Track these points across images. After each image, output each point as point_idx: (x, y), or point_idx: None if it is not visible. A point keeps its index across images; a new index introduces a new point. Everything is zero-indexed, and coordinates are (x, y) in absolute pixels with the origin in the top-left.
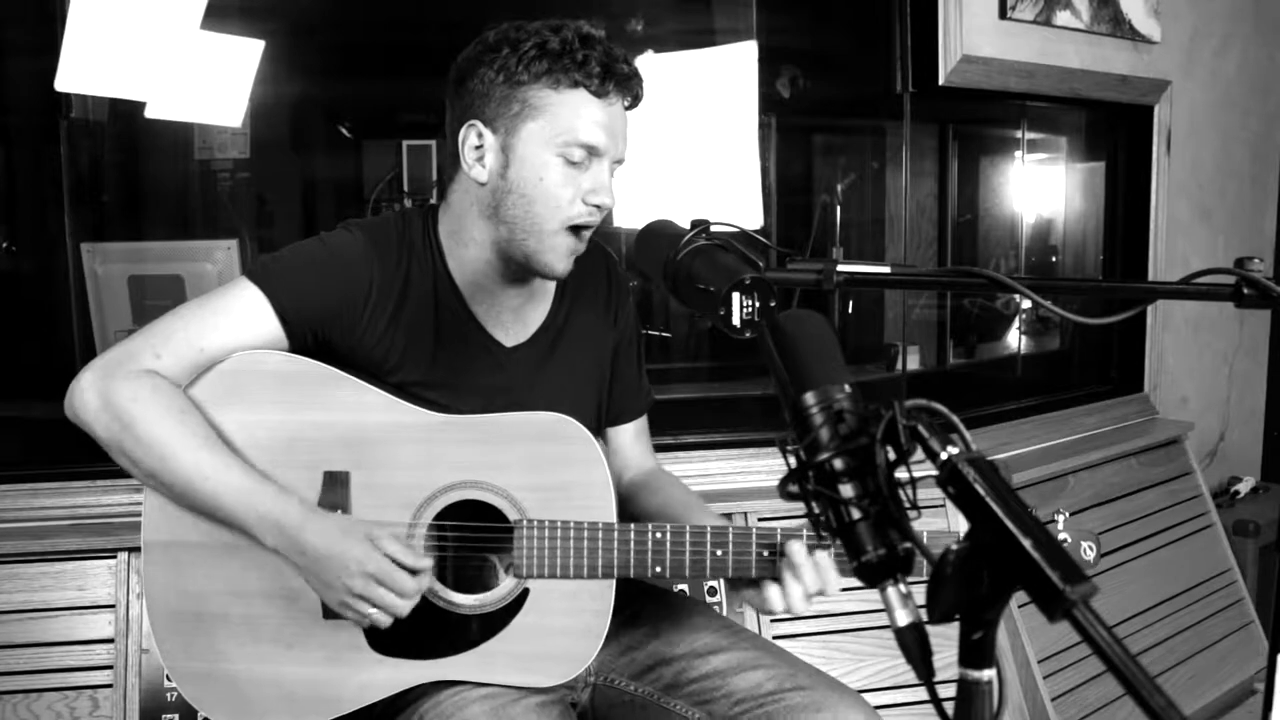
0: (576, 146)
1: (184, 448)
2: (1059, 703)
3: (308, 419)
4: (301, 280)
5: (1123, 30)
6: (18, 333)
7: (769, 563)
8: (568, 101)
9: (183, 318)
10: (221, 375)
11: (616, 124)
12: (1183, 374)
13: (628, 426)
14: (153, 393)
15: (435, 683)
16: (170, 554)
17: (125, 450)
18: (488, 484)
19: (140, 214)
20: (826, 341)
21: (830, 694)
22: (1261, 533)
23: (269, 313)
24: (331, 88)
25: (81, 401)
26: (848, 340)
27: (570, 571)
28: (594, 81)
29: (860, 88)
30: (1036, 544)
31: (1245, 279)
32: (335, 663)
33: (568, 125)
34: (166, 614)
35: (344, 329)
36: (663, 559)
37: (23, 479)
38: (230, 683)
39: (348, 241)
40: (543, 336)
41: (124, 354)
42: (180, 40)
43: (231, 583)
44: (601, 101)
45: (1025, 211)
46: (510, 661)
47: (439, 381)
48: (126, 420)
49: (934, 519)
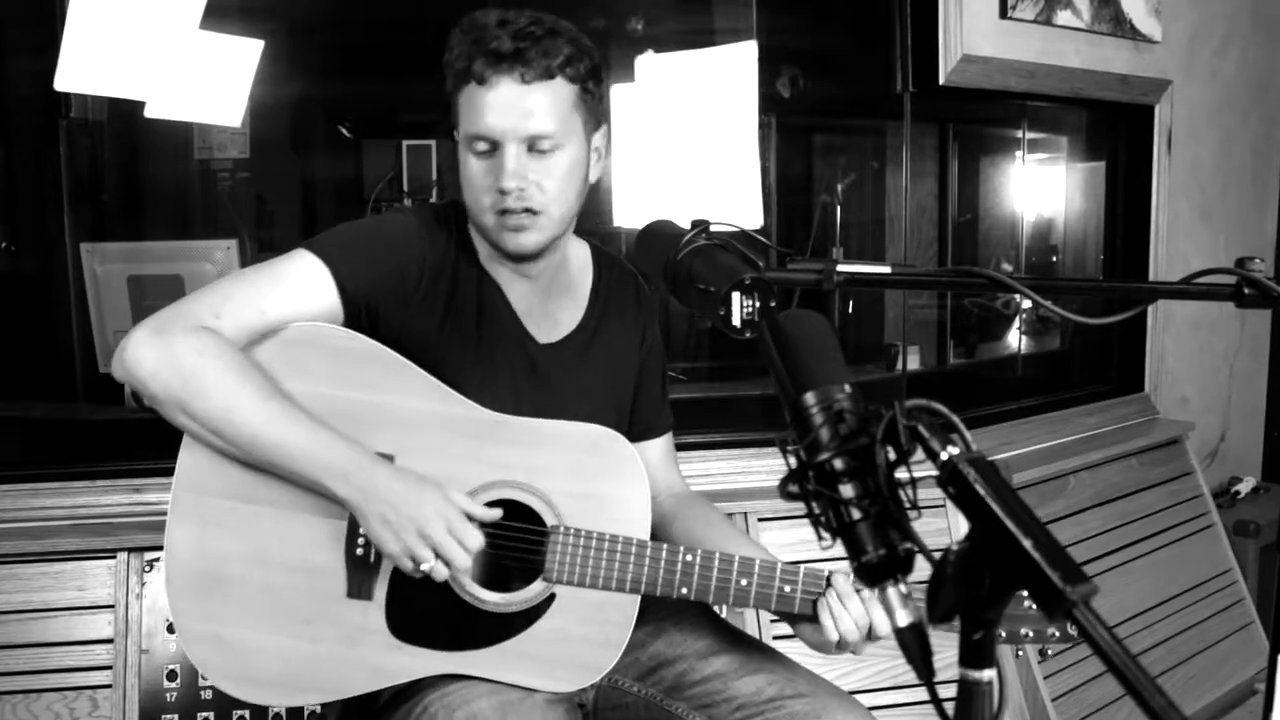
0: (473, 139)
1: (251, 399)
2: (1059, 703)
3: (361, 398)
4: (360, 253)
5: (1123, 30)
6: (18, 333)
7: (789, 598)
8: (463, 98)
9: (243, 280)
10: (283, 344)
11: (507, 105)
12: (1183, 374)
13: (655, 445)
14: (217, 346)
15: (444, 675)
16: (199, 509)
17: (186, 405)
18: (529, 486)
19: (140, 214)
20: (826, 341)
21: (830, 701)
22: (1262, 533)
23: (329, 282)
24: (331, 88)
25: (136, 359)
26: (848, 340)
27: (600, 582)
28: (474, 71)
29: (860, 88)
30: (1037, 544)
31: (1246, 279)
32: (351, 643)
33: (465, 120)
34: (185, 572)
35: (397, 304)
36: (690, 582)
37: (23, 479)
38: (240, 650)
39: (402, 222)
40: (576, 338)
41: (182, 311)
42: (180, 40)
43: (256, 548)
44: (485, 88)
45: (1025, 211)
46: (527, 663)
47: (476, 367)
48: (190, 374)
49: (934, 519)
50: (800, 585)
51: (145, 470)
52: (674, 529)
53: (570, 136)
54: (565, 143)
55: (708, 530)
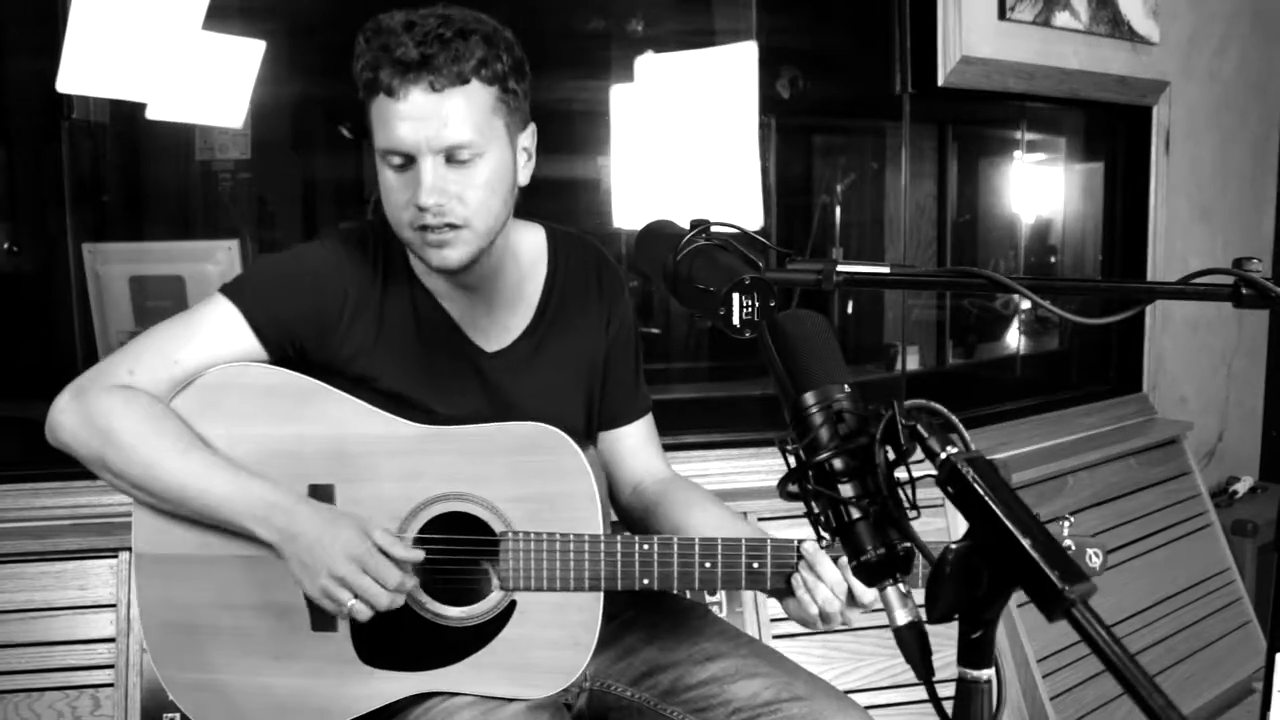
0: (386, 154)
1: (168, 452)
2: (1057, 702)
3: (290, 432)
4: (274, 292)
5: (1121, 31)
6: (18, 333)
7: (759, 574)
8: (374, 111)
9: (156, 336)
10: (202, 389)
11: (424, 113)
12: (1181, 374)
13: (629, 431)
14: (127, 404)
15: (421, 692)
16: (161, 567)
17: (108, 464)
18: (473, 496)
19: (141, 214)
20: (826, 341)
21: (828, 705)
22: (1260, 532)
23: (243, 326)
24: (332, 88)
25: (59, 423)
26: (848, 340)
27: (557, 584)
28: (381, 82)
29: (860, 88)
30: (1036, 543)
31: (1244, 279)
32: (324, 675)
33: (378, 134)
34: (159, 626)
35: (321, 340)
36: (650, 571)
37: (23, 479)
38: (222, 694)
39: (320, 252)
40: (525, 342)
41: (97, 373)
42: (181, 41)
43: (221, 595)
44: (394, 99)
45: (1024, 212)
46: (499, 674)
47: (422, 387)
48: (106, 433)
49: (933, 519)
50: (769, 560)
51: None
52: (658, 515)
53: (491, 142)
54: (486, 150)
55: (691, 512)
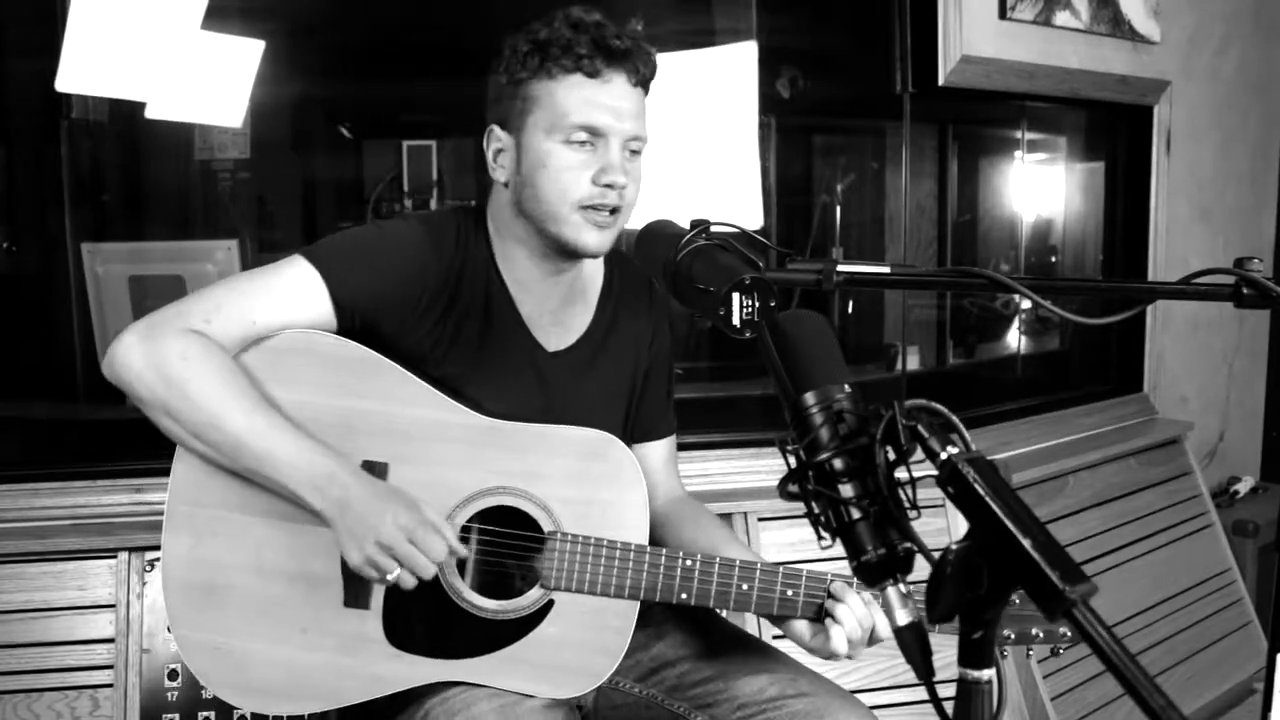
0: (576, 129)
1: (235, 406)
2: (1058, 702)
3: (353, 406)
4: (357, 263)
5: (1122, 30)
6: (18, 333)
7: (791, 601)
8: (562, 87)
9: (235, 288)
10: (270, 351)
11: (619, 102)
12: (1182, 374)
13: (657, 448)
14: (203, 351)
15: (443, 680)
16: (194, 521)
17: (170, 409)
18: (526, 492)
19: (141, 214)
20: (826, 341)
21: (832, 700)
22: (1260, 533)
23: (322, 292)
24: (331, 88)
25: (125, 361)
26: (848, 340)
27: (598, 588)
28: (585, 62)
29: (860, 88)
30: (1036, 544)
31: (1245, 279)
32: (349, 652)
33: (563, 110)
34: (181, 582)
35: (394, 317)
36: (690, 587)
37: (23, 479)
38: (239, 659)
39: (404, 231)
40: (585, 345)
41: (173, 314)
42: (181, 40)
43: (254, 558)
44: (596, 81)
45: (1025, 212)
46: (526, 670)
47: (480, 378)
48: (175, 378)
49: (933, 519)
50: (803, 589)
51: (146, 470)
52: (665, 532)
53: None
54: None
55: (698, 534)
